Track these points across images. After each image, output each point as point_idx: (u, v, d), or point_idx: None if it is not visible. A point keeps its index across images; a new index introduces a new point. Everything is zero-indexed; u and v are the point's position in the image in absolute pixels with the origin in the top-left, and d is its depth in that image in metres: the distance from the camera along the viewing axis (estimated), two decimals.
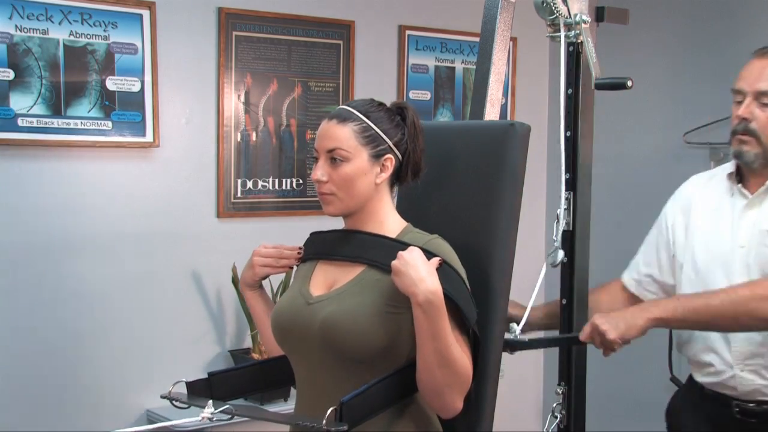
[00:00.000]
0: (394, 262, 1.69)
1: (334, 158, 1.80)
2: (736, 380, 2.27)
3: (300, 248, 1.95)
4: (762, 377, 2.24)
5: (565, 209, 2.49)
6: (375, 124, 1.81)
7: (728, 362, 2.27)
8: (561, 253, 2.12)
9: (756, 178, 2.29)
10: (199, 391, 1.90)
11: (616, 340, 2.05)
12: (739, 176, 2.34)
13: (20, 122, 3.04)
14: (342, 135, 1.80)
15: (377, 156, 1.81)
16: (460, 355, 1.72)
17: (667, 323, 2.19)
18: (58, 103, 3.11)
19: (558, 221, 2.15)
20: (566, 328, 2.56)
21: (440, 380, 1.71)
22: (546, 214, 4.45)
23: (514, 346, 2.02)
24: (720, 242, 2.32)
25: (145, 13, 3.26)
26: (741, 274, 2.24)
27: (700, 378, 2.38)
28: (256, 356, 3.41)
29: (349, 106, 1.85)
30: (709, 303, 2.13)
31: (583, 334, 2.10)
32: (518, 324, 2.04)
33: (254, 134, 3.56)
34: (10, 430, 3.05)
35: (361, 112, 1.82)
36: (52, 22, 3.08)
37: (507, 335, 1.99)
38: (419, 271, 1.66)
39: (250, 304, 2.03)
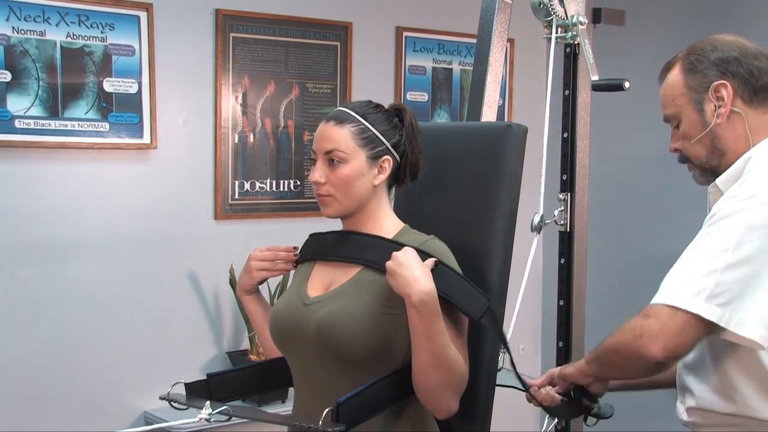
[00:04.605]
0: (388, 263, 1.69)
1: (332, 160, 1.80)
2: None
3: (294, 248, 1.96)
4: None
5: (561, 210, 2.51)
6: (373, 126, 1.81)
7: None
8: (538, 216, 2.33)
9: None
10: (198, 392, 1.89)
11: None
12: None
13: (17, 124, 3.04)
14: (340, 136, 1.79)
15: (375, 157, 1.81)
16: (456, 355, 1.71)
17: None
18: (55, 104, 3.10)
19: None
20: (564, 330, 2.57)
21: (435, 381, 1.70)
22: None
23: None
24: None
25: (143, 15, 3.26)
26: None
27: None
28: (253, 358, 3.41)
29: (346, 107, 1.85)
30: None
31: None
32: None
33: (252, 136, 3.56)
34: (9, 430, 3.05)
35: (358, 114, 1.82)
36: (49, 23, 3.08)
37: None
38: (413, 272, 1.65)
39: (248, 309, 2.03)
